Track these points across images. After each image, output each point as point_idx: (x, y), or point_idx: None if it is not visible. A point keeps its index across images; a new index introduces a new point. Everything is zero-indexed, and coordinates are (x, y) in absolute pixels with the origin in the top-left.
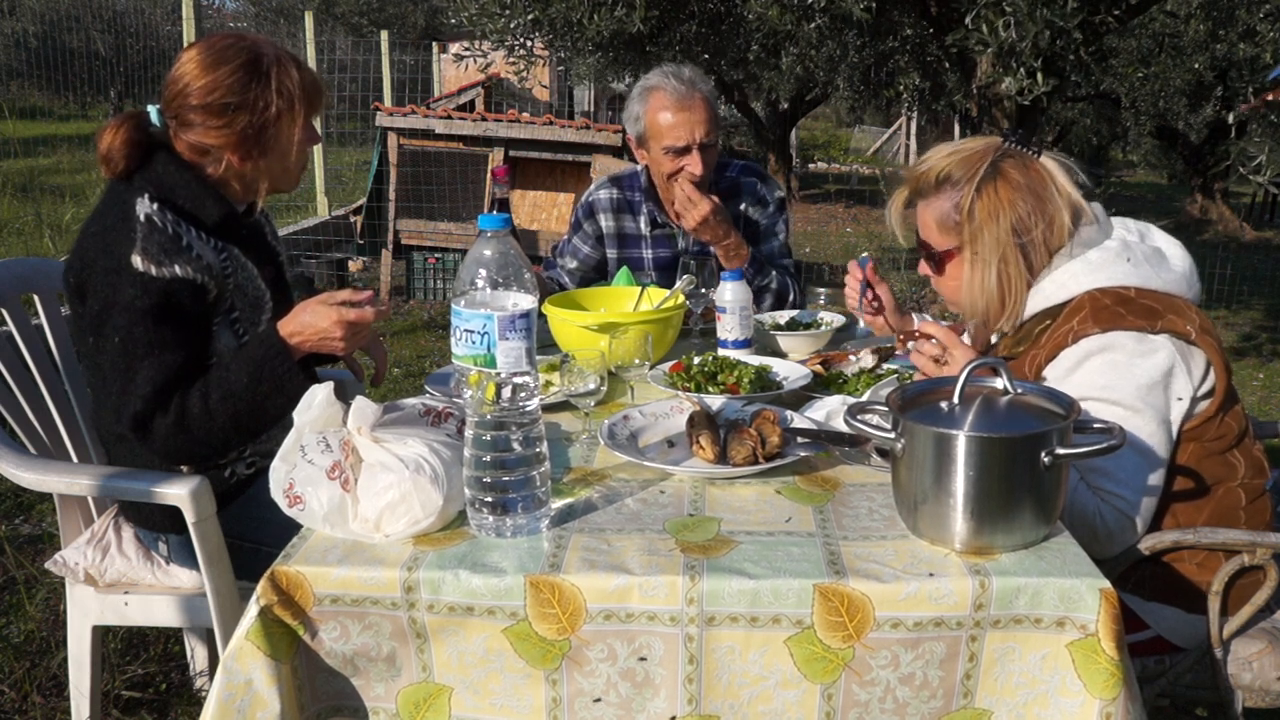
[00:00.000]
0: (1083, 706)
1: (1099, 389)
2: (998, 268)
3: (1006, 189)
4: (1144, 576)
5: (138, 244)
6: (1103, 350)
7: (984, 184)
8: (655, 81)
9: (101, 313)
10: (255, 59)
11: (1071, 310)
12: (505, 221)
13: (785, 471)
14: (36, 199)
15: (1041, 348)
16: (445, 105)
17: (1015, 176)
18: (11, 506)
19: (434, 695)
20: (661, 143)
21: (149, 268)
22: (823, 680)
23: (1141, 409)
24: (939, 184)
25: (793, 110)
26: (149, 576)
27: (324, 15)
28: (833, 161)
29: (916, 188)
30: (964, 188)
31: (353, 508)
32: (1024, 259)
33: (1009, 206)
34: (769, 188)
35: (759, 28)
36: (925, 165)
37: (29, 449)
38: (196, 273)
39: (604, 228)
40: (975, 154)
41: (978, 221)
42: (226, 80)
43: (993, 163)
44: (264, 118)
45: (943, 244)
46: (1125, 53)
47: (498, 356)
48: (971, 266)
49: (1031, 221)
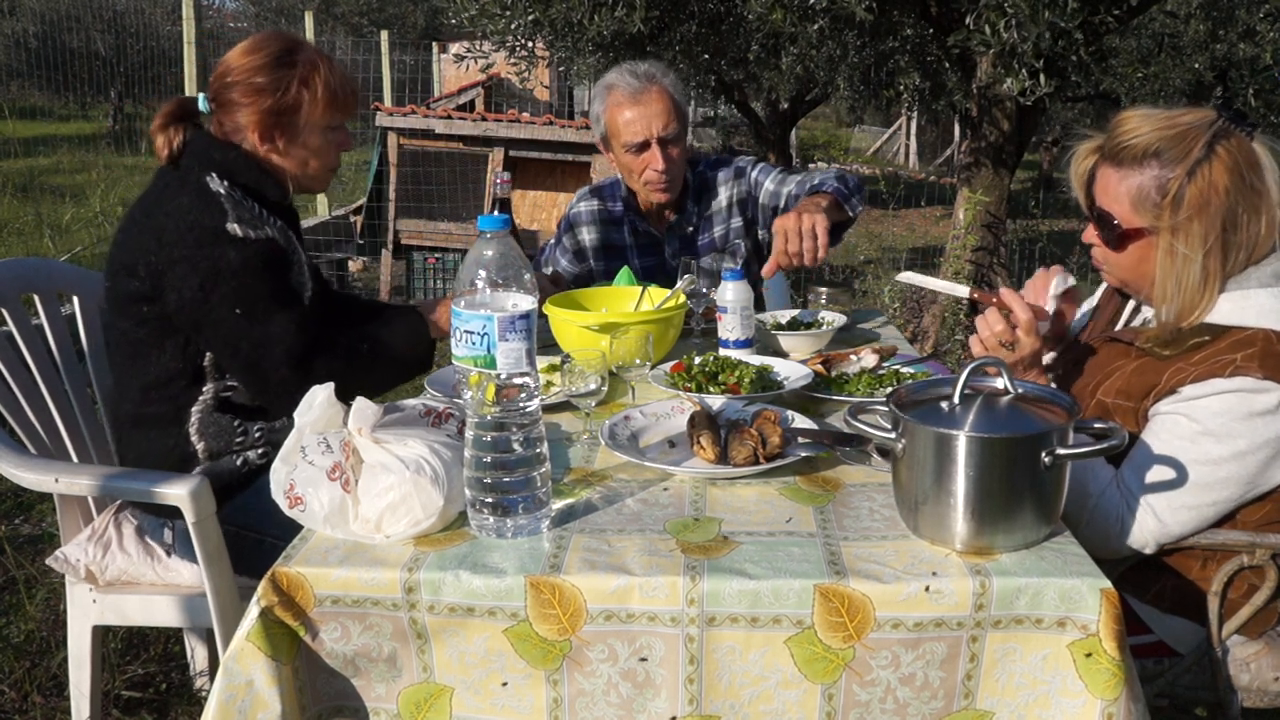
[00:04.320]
0: (1084, 707)
1: (1216, 424)
2: (1201, 263)
3: (1222, 175)
4: (1149, 581)
5: (230, 213)
6: (1249, 393)
7: (1198, 167)
8: (611, 79)
9: (206, 283)
10: (290, 50)
11: (1241, 342)
12: (505, 222)
13: (786, 472)
14: (36, 199)
15: (1193, 365)
16: (445, 105)
17: (1232, 162)
18: (11, 506)
19: (435, 695)
20: (621, 140)
21: (247, 232)
22: (823, 680)
23: (1233, 461)
24: (1144, 157)
25: (793, 110)
26: (149, 573)
27: (324, 15)
28: (833, 161)
29: (1114, 152)
30: (1174, 169)
31: (353, 509)
32: (1224, 257)
33: (1223, 196)
34: (735, 161)
35: (759, 28)
36: (1131, 132)
37: (29, 449)
38: (278, 236)
39: (586, 241)
40: (1189, 131)
41: (1186, 210)
42: (259, 62)
43: (1208, 143)
44: (283, 102)
45: (1132, 221)
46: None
47: (498, 357)
48: (1168, 256)
49: (1242, 217)
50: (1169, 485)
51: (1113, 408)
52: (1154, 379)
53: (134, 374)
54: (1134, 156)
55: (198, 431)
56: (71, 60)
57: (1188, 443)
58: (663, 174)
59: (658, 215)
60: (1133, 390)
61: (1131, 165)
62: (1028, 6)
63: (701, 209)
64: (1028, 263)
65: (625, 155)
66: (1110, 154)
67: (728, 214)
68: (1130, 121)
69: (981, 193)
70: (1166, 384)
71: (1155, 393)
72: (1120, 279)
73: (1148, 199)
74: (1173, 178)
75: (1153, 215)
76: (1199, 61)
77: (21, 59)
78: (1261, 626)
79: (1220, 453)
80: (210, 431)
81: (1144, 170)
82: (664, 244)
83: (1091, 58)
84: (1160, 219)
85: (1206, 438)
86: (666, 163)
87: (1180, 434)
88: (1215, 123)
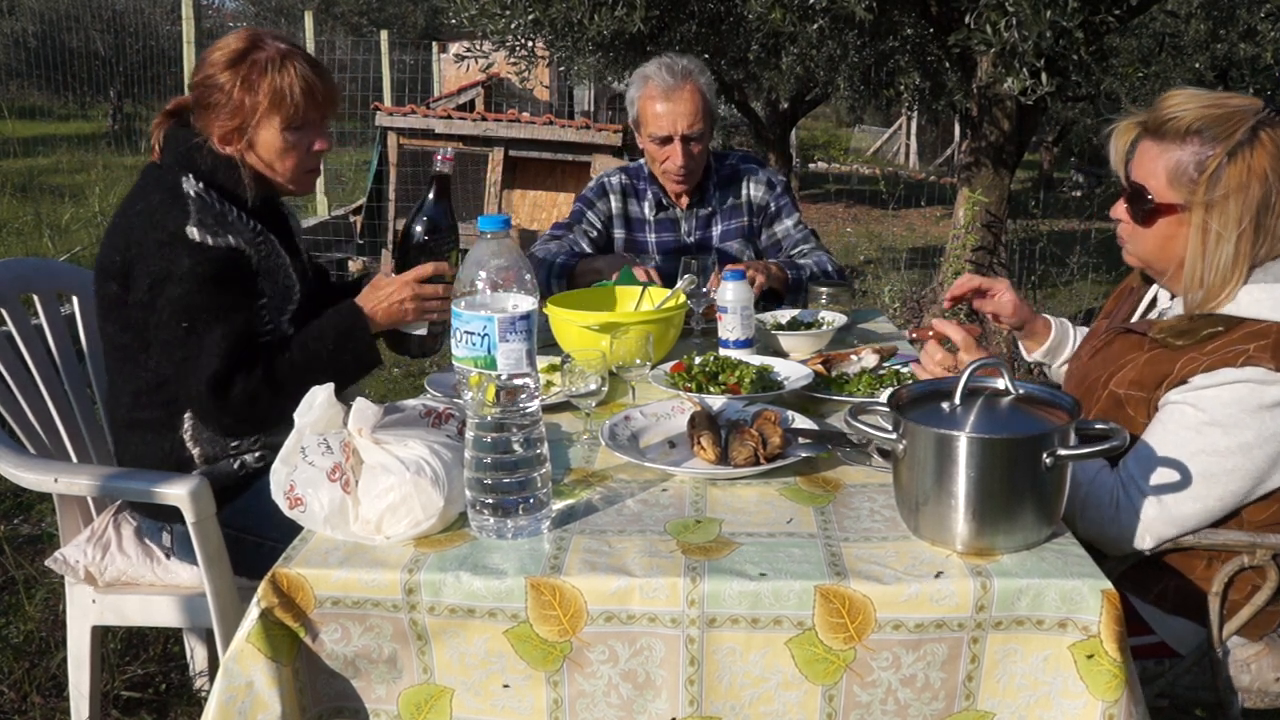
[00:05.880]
0: (1085, 708)
1: (1224, 414)
2: (1234, 244)
3: (1263, 160)
4: (1149, 581)
5: (192, 216)
6: (1259, 384)
7: (1240, 149)
8: (649, 71)
9: (154, 285)
10: (245, 50)
11: (1254, 333)
12: (505, 222)
13: (787, 472)
14: (36, 199)
15: (1205, 355)
16: (445, 105)
17: (1275, 149)
18: (11, 506)
19: (435, 697)
20: (648, 130)
21: (205, 238)
22: (824, 681)
23: (1239, 454)
24: (1186, 134)
25: (793, 110)
26: (149, 574)
27: (324, 15)
28: (833, 161)
29: (1157, 128)
30: (1215, 147)
31: (353, 509)
32: (1255, 242)
33: (1261, 180)
34: (769, 172)
35: (759, 28)
36: (1174, 108)
37: (29, 449)
38: (244, 245)
39: (613, 208)
40: (1235, 113)
41: (1222, 189)
42: (217, 61)
43: (1252, 128)
44: (231, 104)
45: (1166, 196)
46: (1126, 52)
47: (498, 358)
48: (1200, 234)
49: (1277, 205)
50: (1172, 474)
51: (1125, 399)
52: (1167, 369)
53: (125, 378)
54: (1176, 132)
55: (192, 437)
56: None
57: (1194, 433)
58: (681, 168)
59: (679, 196)
60: (1145, 381)
61: (1173, 140)
62: (1028, 6)
63: (722, 198)
64: (1028, 262)
65: (650, 144)
66: (1153, 128)
67: (747, 210)
68: (1176, 98)
69: (981, 193)
70: (1178, 373)
71: (1167, 382)
72: (1142, 258)
73: (1185, 174)
74: (1212, 155)
75: (1187, 191)
76: (1199, 61)
77: (21, 59)
78: (1262, 627)
79: (1226, 444)
80: (204, 437)
81: (1185, 146)
82: (681, 222)
83: (1092, 57)
84: (1195, 195)
85: (1213, 428)
86: (686, 158)
87: (1186, 424)
88: (1261, 110)
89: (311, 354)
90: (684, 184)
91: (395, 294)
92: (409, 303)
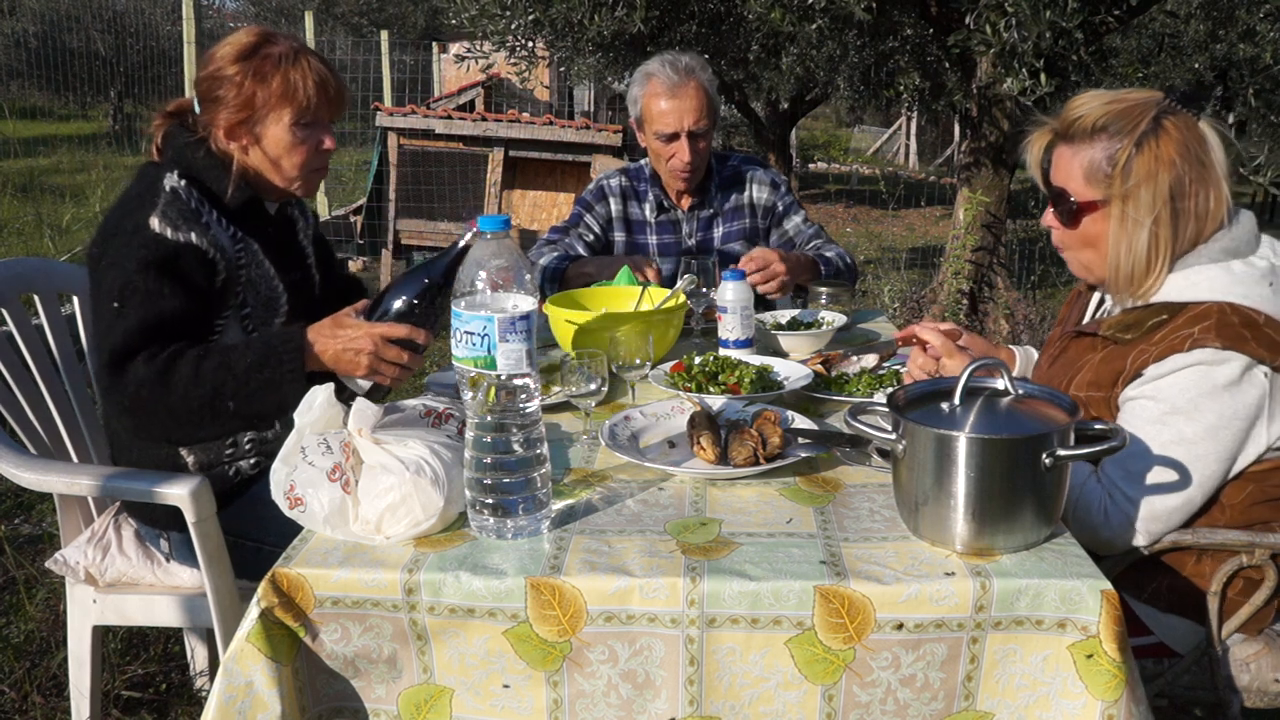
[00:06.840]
0: (1085, 708)
1: (1184, 401)
2: (1150, 230)
3: (1169, 147)
4: (1147, 581)
5: (158, 208)
6: (1210, 365)
7: (1145, 139)
8: (652, 68)
9: (108, 268)
10: (257, 45)
11: (1196, 316)
12: (505, 223)
13: (786, 472)
14: (36, 199)
15: (1153, 345)
16: (445, 105)
17: (1178, 136)
18: (11, 506)
19: (435, 697)
20: (653, 127)
21: (164, 230)
22: (824, 681)
23: (1208, 439)
24: (1094, 132)
25: (793, 110)
26: (149, 575)
27: (324, 15)
28: (833, 161)
29: (1065, 131)
30: (1122, 140)
31: (353, 509)
32: (1174, 226)
33: (1169, 167)
34: (771, 172)
35: (759, 28)
36: (1079, 110)
37: (29, 449)
38: (210, 246)
39: (613, 211)
40: (1136, 106)
41: (1134, 179)
42: (226, 56)
43: (1155, 118)
44: (241, 97)
45: (1085, 195)
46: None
47: (498, 359)
48: (1119, 224)
49: (1190, 188)
50: (1150, 472)
51: (1086, 400)
52: (1120, 365)
53: None
54: (1084, 131)
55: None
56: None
57: (1159, 425)
58: (688, 164)
59: (680, 197)
60: (1102, 380)
61: (1083, 140)
62: (1028, 6)
63: (725, 200)
64: (1027, 262)
65: (655, 141)
66: (1063, 132)
67: (750, 212)
68: (1080, 100)
69: (981, 193)
70: (1131, 368)
71: (1122, 378)
72: (1079, 260)
73: (1099, 171)
74: (1121, 148)
75: (1104, 186)
76: (1199, 61)
77: (21, 59)
78: (1260, 626)
79: (1193, 431)
80: (198, 443)
81: (1095, 144)
82: (682, 224)
83: (1092, 57)
84: (1111, 189)
85: (1176, 416)
86: (692, 155)
87: (1149, 417)
88: (1162, 101)
89: (223, 364)
90: (689, 181)
91: (355, 342)
92: (364, 356)
